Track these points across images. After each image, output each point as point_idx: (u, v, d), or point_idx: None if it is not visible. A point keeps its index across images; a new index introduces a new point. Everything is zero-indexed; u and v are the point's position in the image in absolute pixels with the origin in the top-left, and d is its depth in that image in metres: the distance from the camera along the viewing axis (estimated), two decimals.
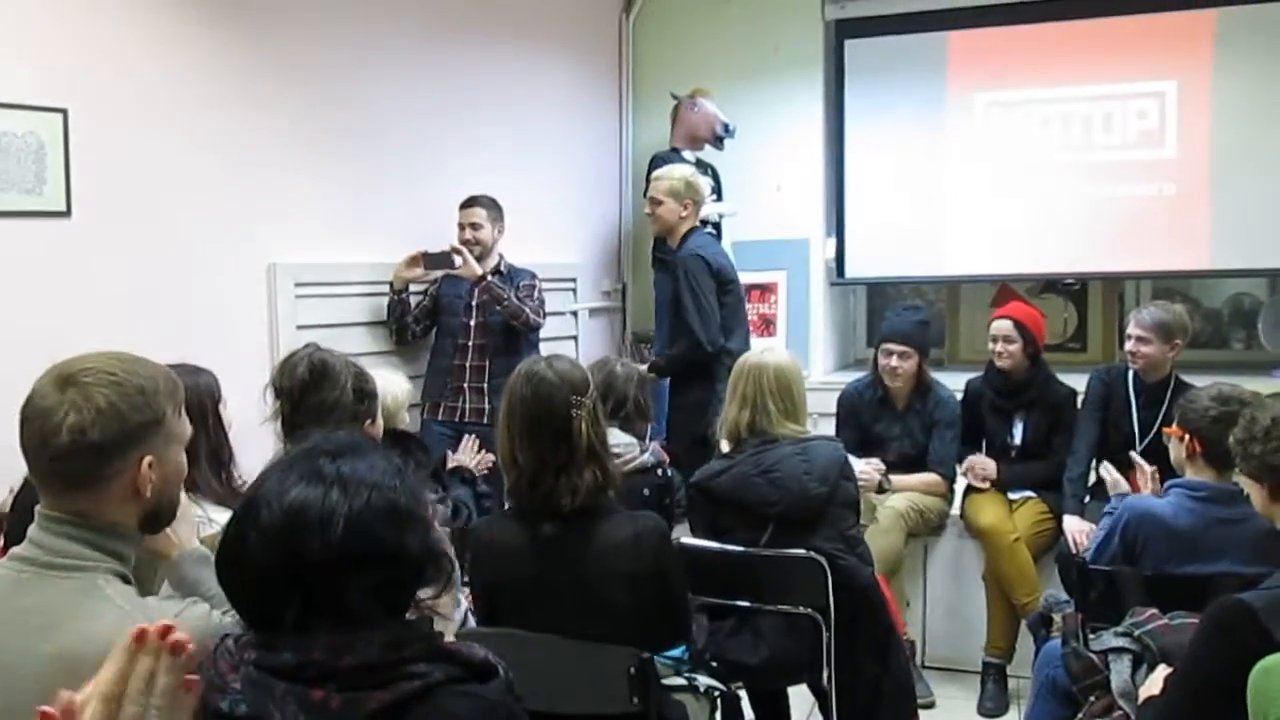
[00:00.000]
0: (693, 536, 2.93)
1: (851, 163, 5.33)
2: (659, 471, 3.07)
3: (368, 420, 2.50)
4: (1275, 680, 1.49)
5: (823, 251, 5.35)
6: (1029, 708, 2.84)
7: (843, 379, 4.58)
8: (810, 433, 3.01)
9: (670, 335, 4.30)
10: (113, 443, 1.39)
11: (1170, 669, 2.16)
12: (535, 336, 4.24)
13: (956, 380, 4.16)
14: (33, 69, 3.00)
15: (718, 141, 5.08)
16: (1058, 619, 2.78)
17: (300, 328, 3.69)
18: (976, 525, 3.83)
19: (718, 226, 4.93)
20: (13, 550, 1.44)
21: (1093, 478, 3.82)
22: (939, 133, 5.20)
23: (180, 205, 3.39)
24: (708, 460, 3.00)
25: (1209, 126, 4.80)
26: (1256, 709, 1.50)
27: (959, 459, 4.03)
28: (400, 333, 4.19)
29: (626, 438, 3.05)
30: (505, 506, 2.41)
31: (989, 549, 3.77)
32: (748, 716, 2.83)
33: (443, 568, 1.30)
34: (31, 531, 1.43)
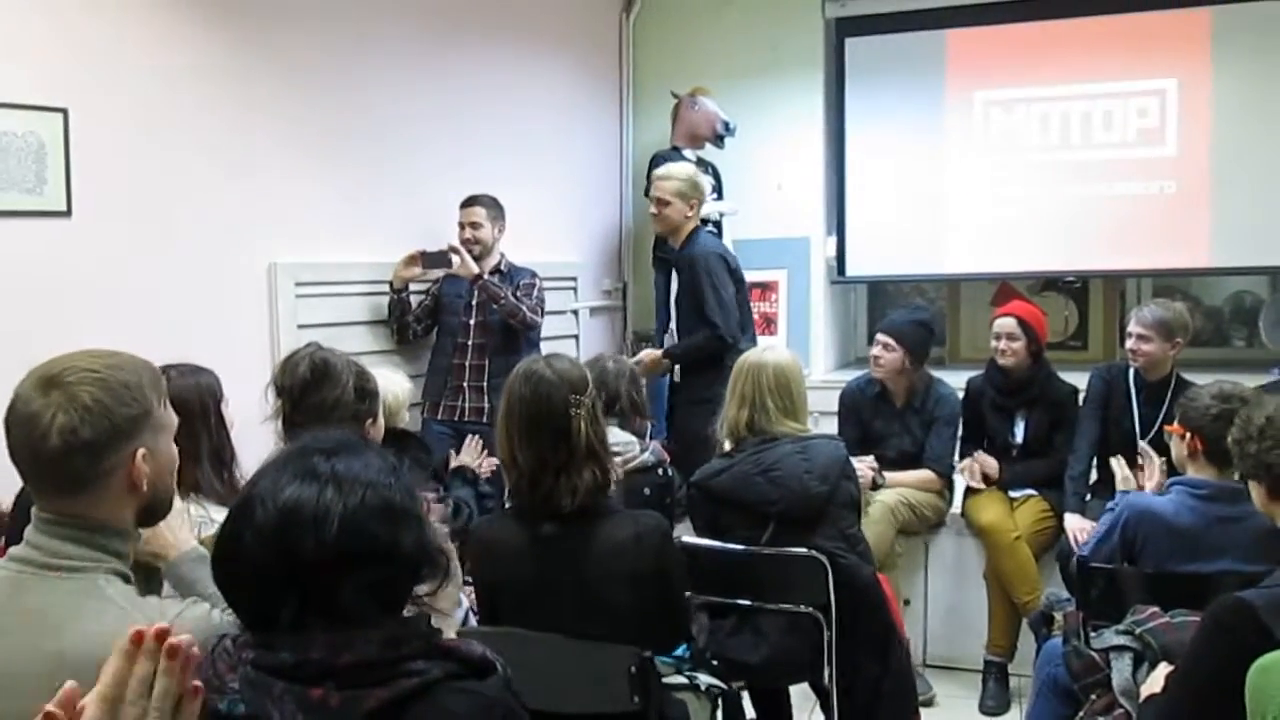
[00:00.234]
0: (694, 535, 2.93)
1: (852, 161, 5.33)
2: (659, 470, 3.06)
3: (369, 419, 2.50)
4: (1273, 678, 1.49)
5: (823, 250, 5.34)
6: (1030, 706, 2.84)
7: (843, 377, 4.58)
8: (811, 431, 3.01)
9: (682, 330, 4.26)
10: (104, 440, 1.38)
11: (1171, 667, 2.16)
12: (535, 335, 4.23)
13: (957, 379, 4.15)
14: (33, 69, 3.00)
15: (718, 140, 5.08)
16: (1059, 617, 2.77)
17: (301, 327, 3.70)
18: (977, 523, 3.83)
19: (718, 225, 4.93)
20: (11, 551, 1.43)
21: (1094, 476, 3.82)
22: (939, 131, 5.20)
23: (181, 205, 3.39)
24: None
25: (1209, 124, 4.80)
26: (1255, 707, 1.50)
27: (961, 457, 4.03)
28: (401, 332, 4.19)
29: (626, 436, 3.04)
30: (506, 507, 2.41)
31: (990, 547, 3.77)
32: (749, 715, 2.83)
33: (439, 564, 1.30)
34: (28, 533, 1.42)
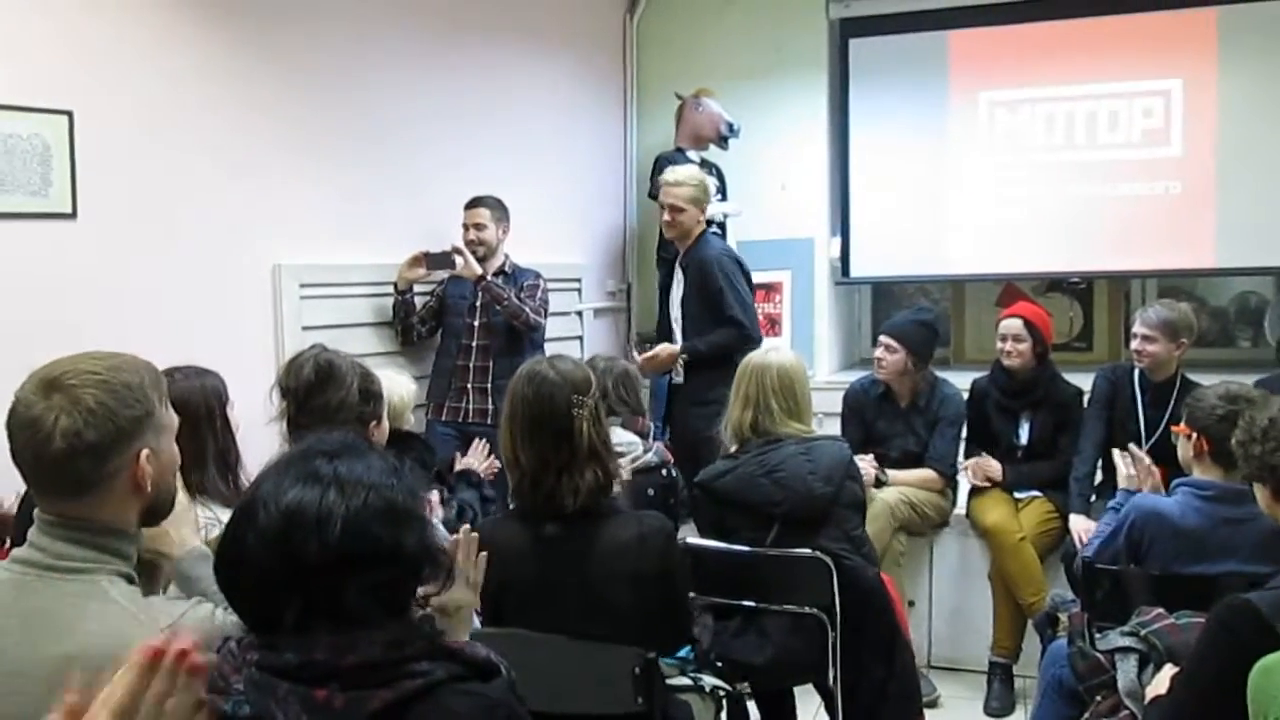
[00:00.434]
0: (698, 536, 2.93)
1: (856, 162, 5.33)
2: (663, 471, 3.07)
3: (373, 421, 2.50)
4: (1274, 679, 1.49)
5: (828, 251, 5.34)
6: (1035, 707, 2.84)
7: (848, 378, 4.57)
8: (815, 432, 3.01)
9: (689, 332, 4.20)
10: (109, 442, 1.38)
11: (1176, 669, 2.15)
12: (539, 337, 4.23)
13: (962, 379, 4.15)
14: (38, 71, 3.01)
15: (722, 141, 5.08)
16: (1064, 618, 2.77)
17: (305, 329, 3.70)
18: (982, 524, 3.82)
19: (722, 226, 4.91)
20: (14, 553, 1.43)
21: (1099, 477, 3.81)
22: (943, 132, 5.19)
23: (185, 207, 3.40)
24: None
25: (1215, 124, 4.79)
26: (1256, 708, 1.49)
27: (966, 458, 4.02)
28: (406, 333, 4.19)
29: (629, 436, 3.04)
30: (509, 508, 2.41)
31: (994, 548, 3.76)
32: (753, 717, 2.83)
33: (441, 565, 1.30)
34: (31, 535, 1.42)
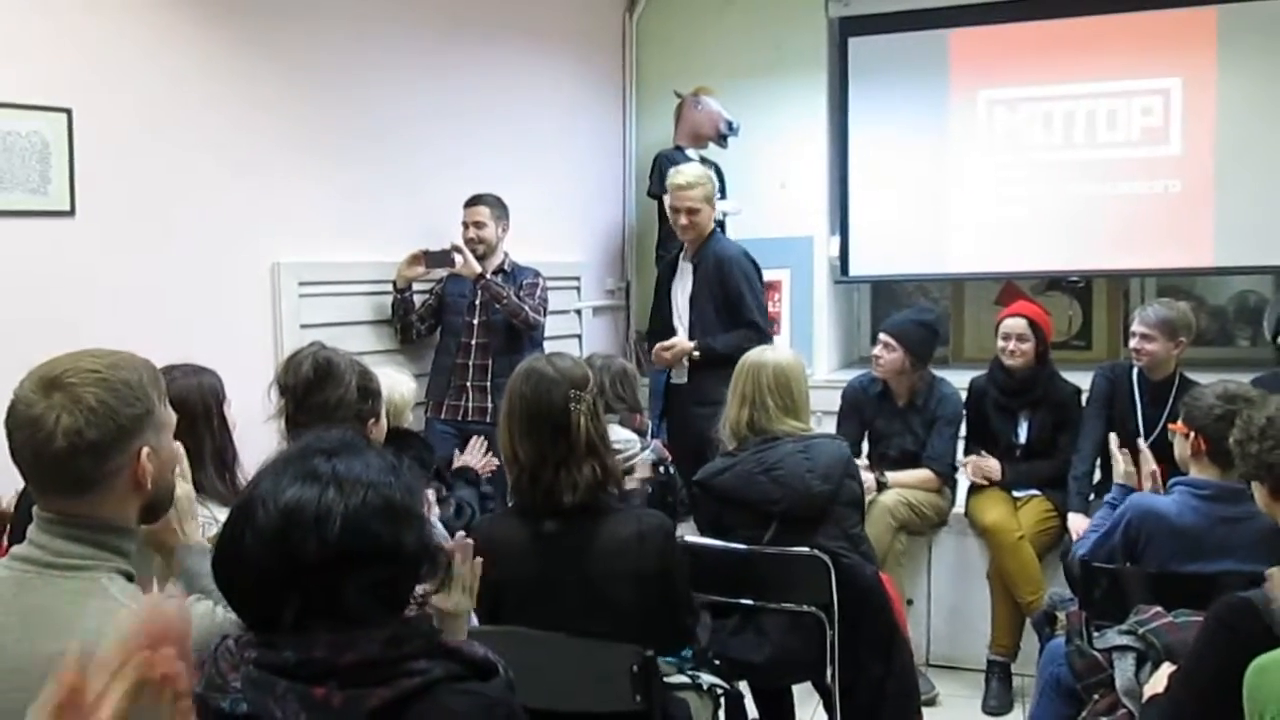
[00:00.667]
0: (699, 533, 2.93)
1: (856, 160, 5.33)
2: (660, 469, 3.06)
3: (372, 419, 2.50)
4: (1269, 678, 1.49)
5: (827, 249, 5.34)
6: (1033, 706, 2.84)
7: (847, 377, 4.57)
8: (813, 430, 3.01)
9: (698, 330, 4.14)
10: (110, 440, 1.38)
11: (1174, 667, 2.15)
12: (538, 335, 4.23)
13: (960, 378, 4.14)
14: (37, 69, 3.01)
15: (721, 140, 5.08)
16: (1062, 617, 2.77)
17: (304, 326, 3.71)
18: (981, 523, 3.82)
19: (722, 225, 4.90)
20: (14, 550, 1.43)
21: (1098, 476, 3.81)
22: (943, 130, 5.19)
23: (184, 204, 3.40)
24: None
25: (1214, 123, 4.79)
26: (1252, 707, 1.49)
27: (965, 456, 4.02)
28: (405, 331, 4.19)
29: (627, 434, 3.04)
30: (509, 505, 2.41)
31: (993, 547, 3.76)
32: (751, 715, 2.83)
33: (439, 563, 1.30)
34: (31, 532, 1.42)
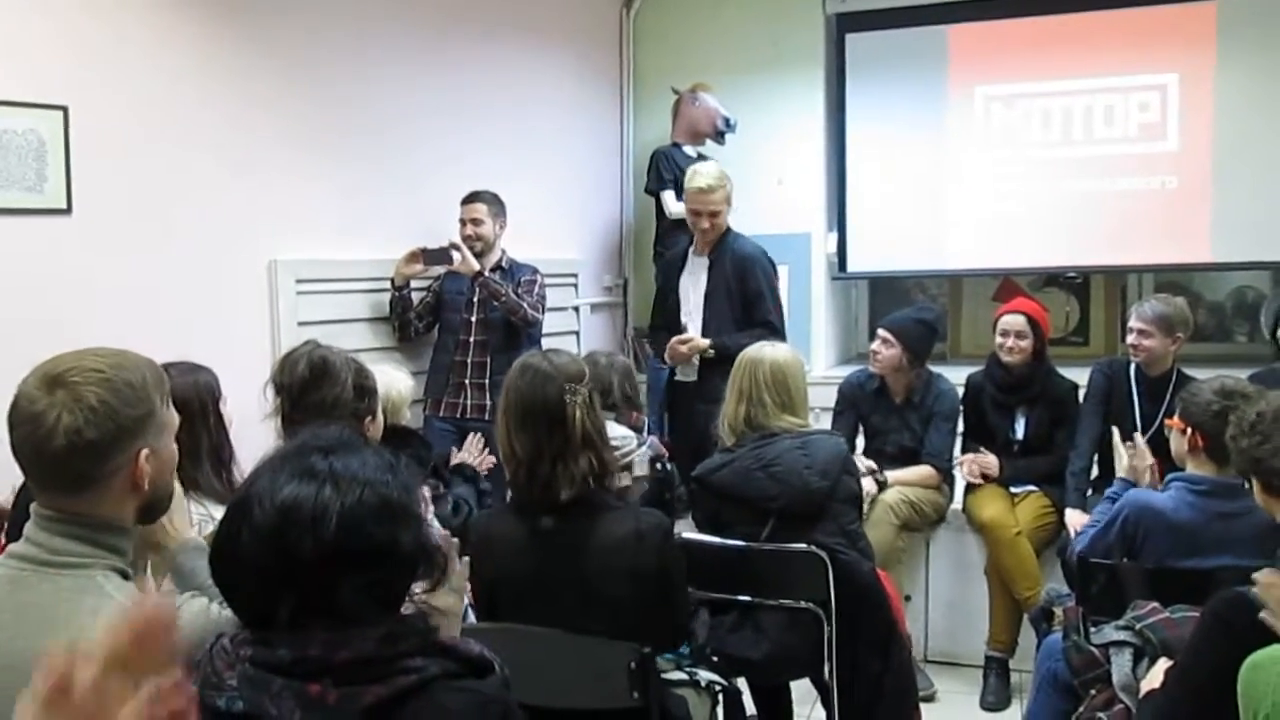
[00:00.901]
0: (697, 529, 2.93)
1: (853, 157, 5.33)
2: (658, 466, 3.06)
3: (368, 417, 2.50)
4: (1263, 675, 1.48)
5: (824, 246, 5.34)
6: (1030, 701, 2.84)
7: (844, 373, 4.57)
8: (810, 426, 3.01)
9: (712, 327, 4.12)
10: (109, 440, 1.38)
11: (1171, 662, 2.16)
12: (536, 332, 4.23)
13: (958, 374, 4.14)
14: (33, 66, 3.00)
15: (719, 136, 5.08)
16: (1059, 613, 2.77)
17: (301, 324, 3.70)
18: (978, 519, 3.82)
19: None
20: (10, 548, 1.44)
21: (1095, 472, 3.81)
22: (940, 126, 5.19)
23: (181, 202, 3.39)
24: None
25: (1211, 119, 4.78)
26: (1247, 703, 1.49)
27: (963, 453, 4.02)
28: (403, 329, 4.19)
29: (623, 430, 3.03)
30: (507, 501, 2.41)
31: (991, 543, 3.77)
32: (749, 712, 2.83)
33: (436, 562, 1.30)
34: (28, 529, 1.42)
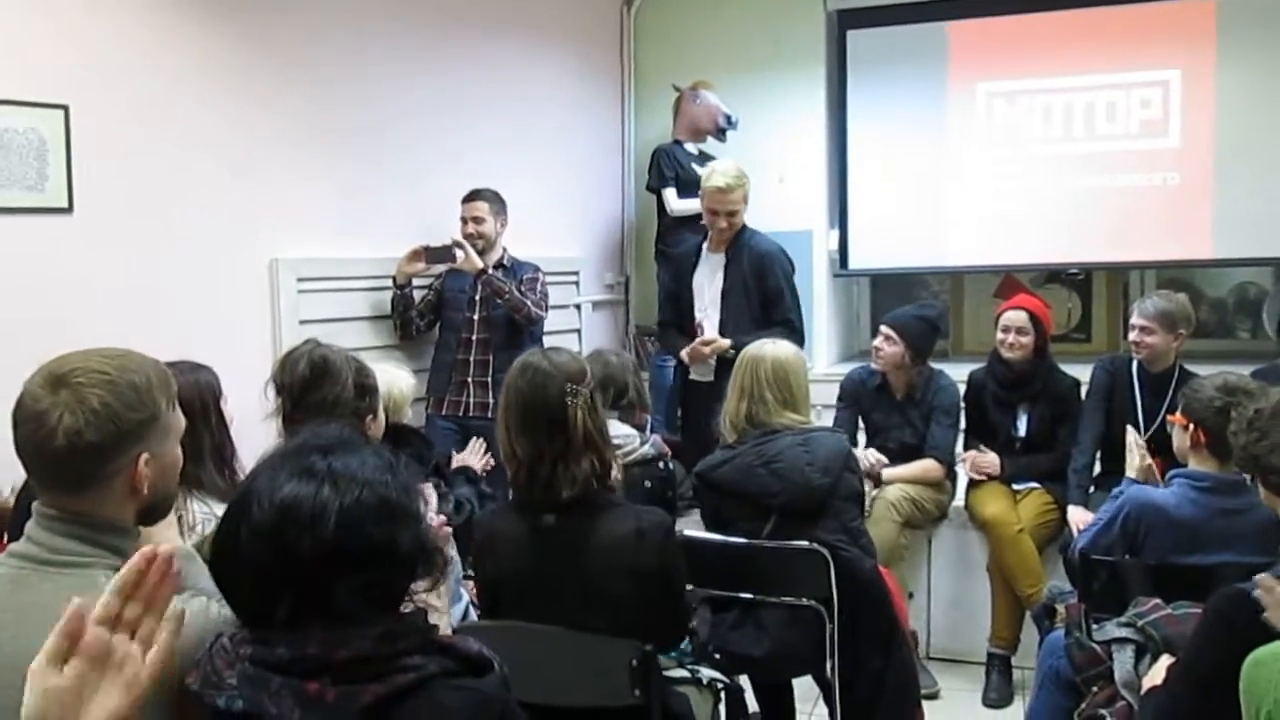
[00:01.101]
0: (704, 526, 2.93)
1: (854, 154, 5.32)
2: (660, 464, 3.05)
3: (369, 416, 2.50)
4: (1265, 671, 1.48)
5: (826, 243, 5.34)
6: (1032, 698, 2.84)
7: (846, 370, 4.57)
8: (812, 423, 3.00)
9: (730, 324, 4.10)
10: (109, 443, 1.37)
11: (1173, 659, 2.15)
12: (538, 330, 4.23)
13: (960, 371, 4.14)
14: (34, 66, 3.00)
15: (720, 133, 5.08)
16: (1061, 610, 2.77)
17: (303, 323, 3.71)
18: (980, 516, 3.82)
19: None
20: (11, 547, 1.43)
21: (1098, 468, 3.81)
22: (941, 123, 5.19)
23: (182, 201, 3.40)
24: None
25: (1213, 115, 4.78)
26: (1249, 700, 1.49)
27: (965, 450, 4.02)
28: (404, 327, 4.19)
29: (626, 429, 3.03)
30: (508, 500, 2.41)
31: (993, 540, 3.76)
32: (751, 709, 2.83)
33: (435, 563, 1.30)
34: (29, 528, 1.42)
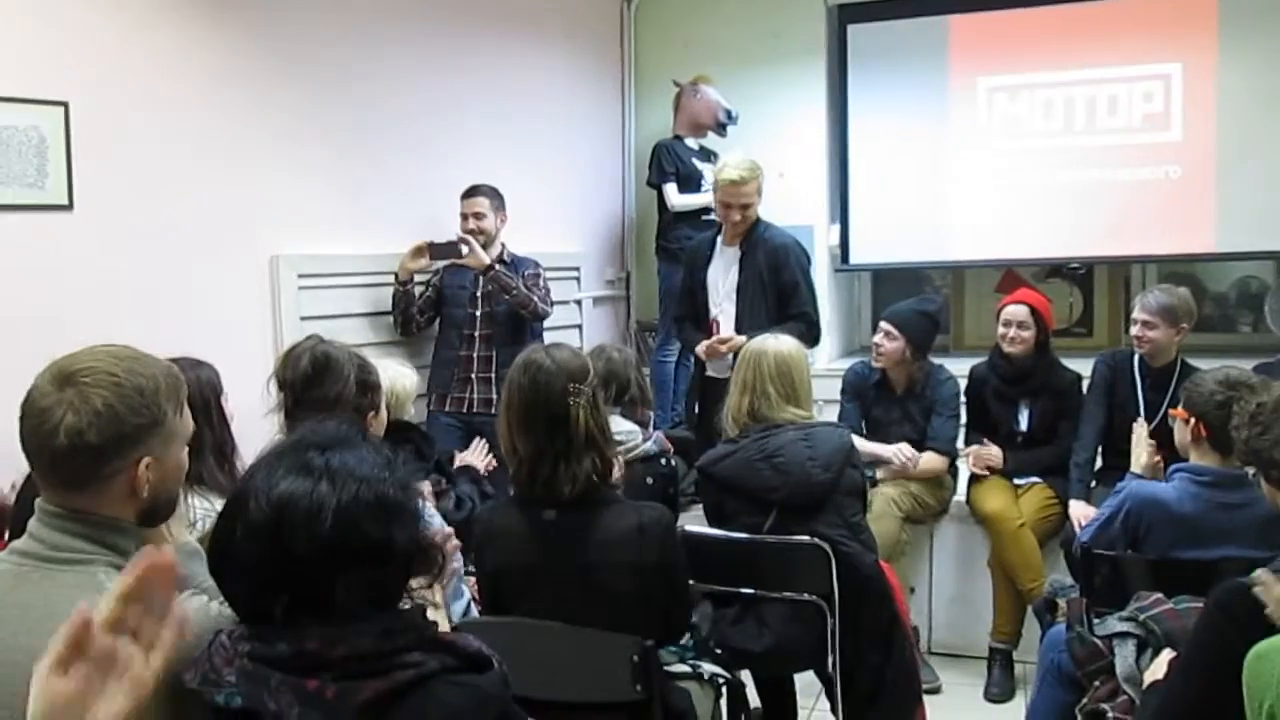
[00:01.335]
0: (706, 521, 2.93)
1: (855, 149, 5.32)
2: (662, 460, 3.05)
3: (371, 412, 2.50)
4: (1268, 665, 1.47)
5: (827, 238, 5.33)
6: (1034, 693, 2.84)
7: (848, 365, 4.57)
8: (815, 418, 3.00)
9: (745, 319, 4.03)
10: (109, 445, 1.37)
11: (1175, 654, 2.15)
12: (540, 326, 4.23)
13: (961, 366, 4.13)
14: (34, 63, 3.00)
15: (720, 128, 5.07)
16: (1063, 604, 2.77)
17: (304, 319, 3.70)
18: (982, 511, 3.82)
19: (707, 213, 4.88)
20: (13, 544, 1.44)
21: (1099, 463, 3.81)
22: (943, 117, 5.18)
23: (182, 198, 3.39)
24: None
25: (1214, 109, 4.77)
26: (1252, 693, 1.48)
27: (967, 445, 4.02)
28: (405, 324, 4.19)
29: (628, 425, 3.03)
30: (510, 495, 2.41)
31: (994, 535, 3.76)
32: (753, 704, 2.83)
33: (432, 559, 1.30)
34: (31, 525, 1.42)
